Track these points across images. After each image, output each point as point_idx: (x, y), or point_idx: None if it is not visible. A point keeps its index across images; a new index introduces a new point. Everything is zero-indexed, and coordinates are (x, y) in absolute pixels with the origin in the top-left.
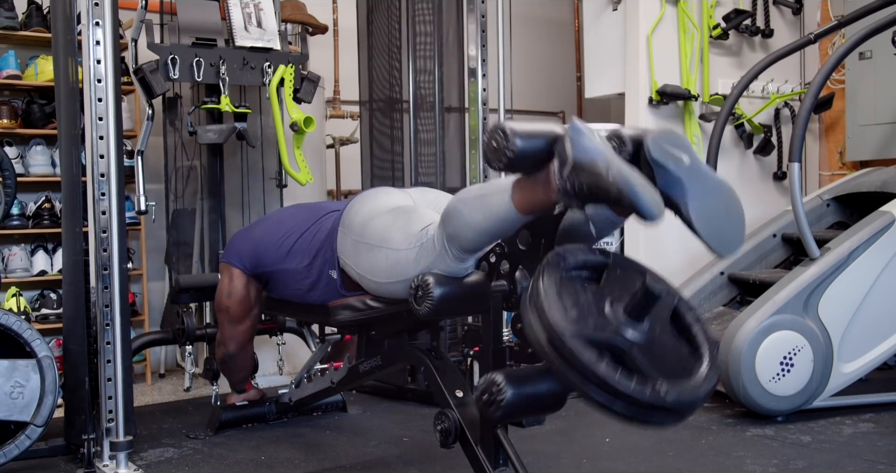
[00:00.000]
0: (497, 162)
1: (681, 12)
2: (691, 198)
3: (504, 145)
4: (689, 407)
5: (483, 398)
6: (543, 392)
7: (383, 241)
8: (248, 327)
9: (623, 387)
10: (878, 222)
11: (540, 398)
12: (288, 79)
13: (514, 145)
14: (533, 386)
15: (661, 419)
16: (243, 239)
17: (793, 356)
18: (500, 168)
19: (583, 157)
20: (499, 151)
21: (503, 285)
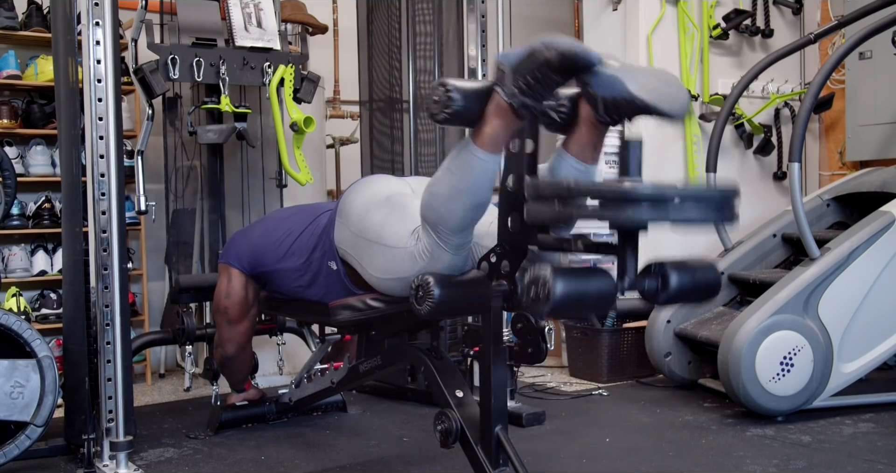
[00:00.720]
0: (441, 113)
1: (681, 12)
2: (630, 83)
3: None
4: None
5: (530, 292)
6: (591, 289)
7: (379, 237)
8: (247, 328)
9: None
10: (878, 222)
11: (587, 296)
12: (288, 79)
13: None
14: (581, 282)
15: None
16: (242, 240)
17: (793, 356)
18: (444, 119)
19: (515, 58)
20: (439, 103)
21: (503, 285)
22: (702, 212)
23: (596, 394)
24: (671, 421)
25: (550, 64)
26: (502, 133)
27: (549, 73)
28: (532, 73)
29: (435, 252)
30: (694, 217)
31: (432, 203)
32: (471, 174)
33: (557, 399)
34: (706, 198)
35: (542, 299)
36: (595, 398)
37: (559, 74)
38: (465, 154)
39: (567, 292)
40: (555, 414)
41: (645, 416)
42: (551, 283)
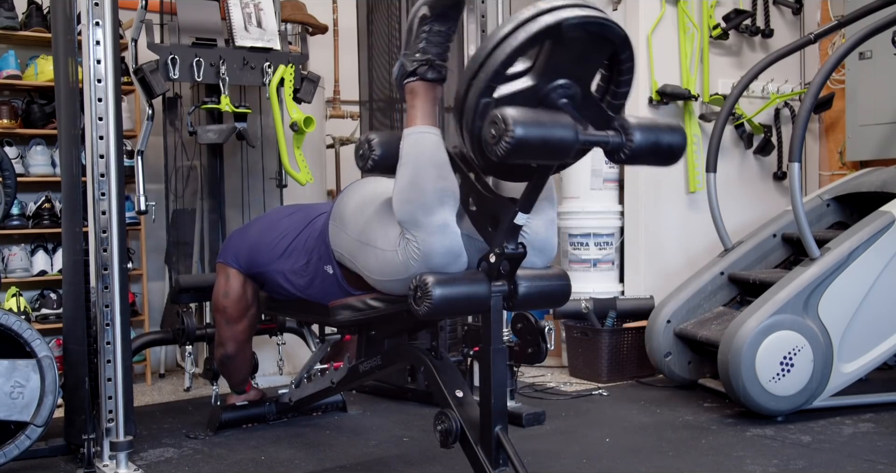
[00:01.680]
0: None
1: (681, 12)
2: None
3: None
4: None
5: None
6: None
7: (371, 240)
8: (246, 327)
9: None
10: (878, 222)
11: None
12: (288, 79)
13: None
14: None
15: None
16: (239, 240)
17: (793, 356)
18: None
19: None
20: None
21: (503, 285)
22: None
23: (596, 394)
24: (671, 421)
25: (426, 17)
26: (428, 106)
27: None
28: (419, 36)
29: (424, 246)
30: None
31: (401, 197)
32: (421, 150)
33: (557, 399)
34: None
35: (500, 135)
36: (595, 398)
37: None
38: (406, 142)
39: (527, 130)
40: (555, 414)
41: (645, 416)
42: (510, 120)
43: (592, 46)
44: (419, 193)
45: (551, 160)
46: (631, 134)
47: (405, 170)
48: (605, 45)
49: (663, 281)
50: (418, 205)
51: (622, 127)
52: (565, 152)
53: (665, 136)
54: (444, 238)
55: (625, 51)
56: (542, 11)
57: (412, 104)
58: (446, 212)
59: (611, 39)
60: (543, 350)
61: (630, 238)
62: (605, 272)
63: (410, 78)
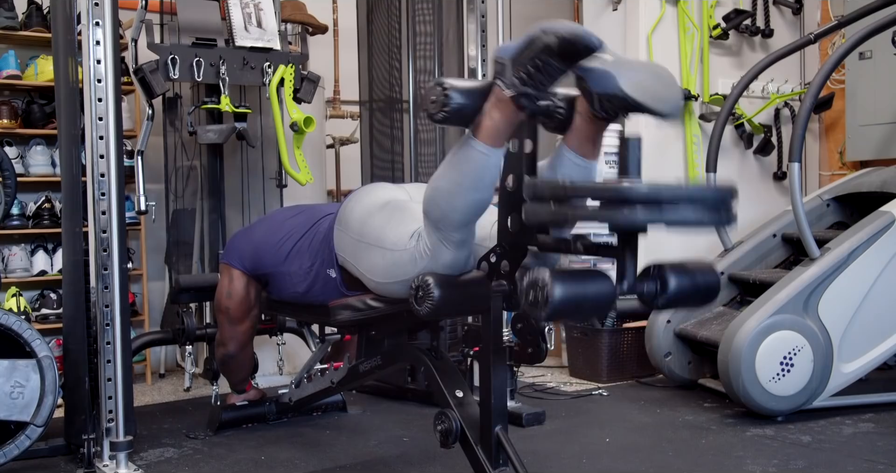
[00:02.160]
0: (439, 112)
1: (681, 12)
2: (622, 79)
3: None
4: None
5: (529, 296)
6: (590, 293)
7: (379, 241)
8: (248, 327)
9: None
10: (878, 222)
11: (586, 299)
12: (288, 79)
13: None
14: (580, 285)
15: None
16: (243, 240)
17: (793, 356)
18: (443, 117)
19: (513, 49)
20: (437, 102)
21: (503, 285)
22: (699, 214)
23: (596, 394)
24: (671, 421)
25: (551, 49)
26: (503, 126)
27: (550, 58)
28: (532, 61)
29: (436, 250)
30: (691, 218)
31: (435, 198)
32: (472, 168)
33: (557, 399)
34: (704, 199)
35: (541, 303)
36: (595, 398)
37: (560, 60)
38: (465, 148)
39: (566, 296)
40: (555, 414)
41: (645, 416)
42: (550, 287)
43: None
44: (451, 208)
45: (594, 315)
46: (666, 283)
47: (449, 175)
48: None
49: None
50: (445, 215)
51: (658, 275)
52: (607, 307)
53: (699, 278)
54: (456, 252)
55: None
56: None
57: (491, 113)
58: (468, 230)
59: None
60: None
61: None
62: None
63: (505, 87)
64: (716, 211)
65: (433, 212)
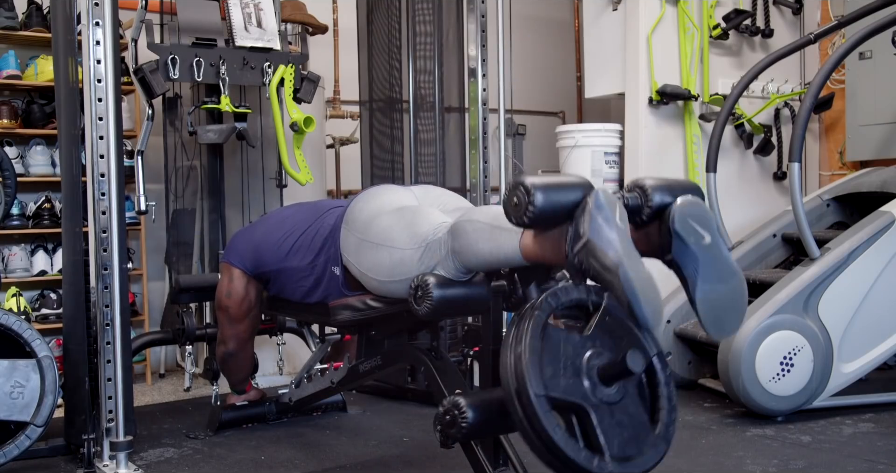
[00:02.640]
0: (517, 219)
1: (681, 12)
2: (702, 280)
3: (525, 203)
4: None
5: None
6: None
7: (387, 240)
8: (249, 326)
9: (572, 456)
10: (878, 222)
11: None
12: (288, 79)
13: (536, 203)
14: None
15: None
16: (244, 240)
17: (793, 356)
18: (520, 225)
19: (597, 241)
20: (520, 208)
21: (503, 285)
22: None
23: None
24: None
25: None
26: (545, 262)
27: (605, 287)
28: (594, 273)
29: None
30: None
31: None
32: (501, 258)
33: None
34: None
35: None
36: None
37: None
38: (508, 241)
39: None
40: None
41: None
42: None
43: None
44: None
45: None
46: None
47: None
48: None
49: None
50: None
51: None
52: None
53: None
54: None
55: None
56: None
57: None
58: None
59: None
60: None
61: None
62: None
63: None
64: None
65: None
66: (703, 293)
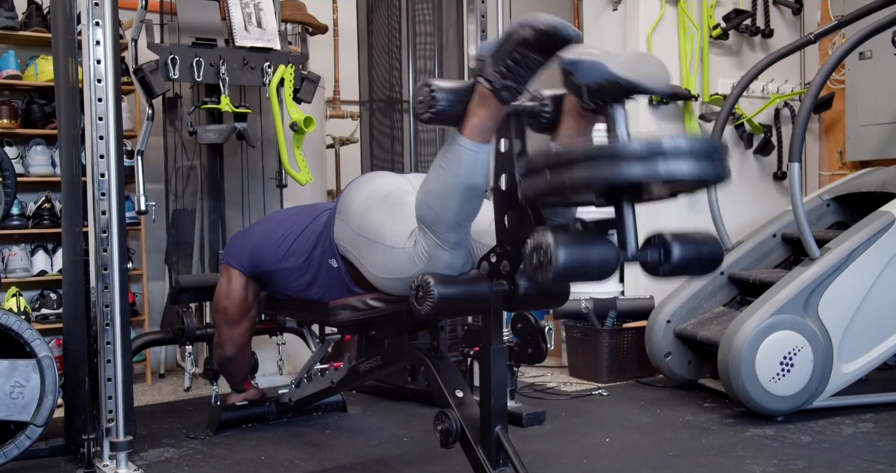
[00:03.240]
0: (426, 113)
1: (681, 12)
2: (611, 65)
3: (429, 97)
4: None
5: (533, 259)
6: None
7: (378, 236)
8: (246, 329)
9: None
10: (878, 222)
11: (590, 263)
12: (288, 79)
13: (439, 94)
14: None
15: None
16: (242, 241)
17: (793, 356)
18: (428, 119)
19: (493, 44)
20: (424, 103)
21: (503, 285)
22: (694, 166)
23: (596, 394)
24: (671, 421)
25: (528, 42)
26: (488, 121)
27: (528, 51)
28: (511, 55)
29: (433, 252)
30: (686, 171)
31: (427, 201)
32: (462, 166)
33: (557, 399)
34: (697, 151)
35: (544, 265)
36: (595, 398)
37: (538, 52)
38: (453, 147)
39: (570, 258)
40: (555, 414)
41: (645, 416)
42: (553, 249)
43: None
44: (444, 208)
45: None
46: (670, 251)
47: (439, 176)
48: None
49: (663, 282)
50: (438, 216)
51: (661, 243)
52: (607, 275)
53: (702, 250)
54: (453, 253)
55: None
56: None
57: (475, 111)
58: (464, 230)
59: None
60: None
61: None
62: None
63: (486, 83)
64: (709, 162)
65: (426, 214)
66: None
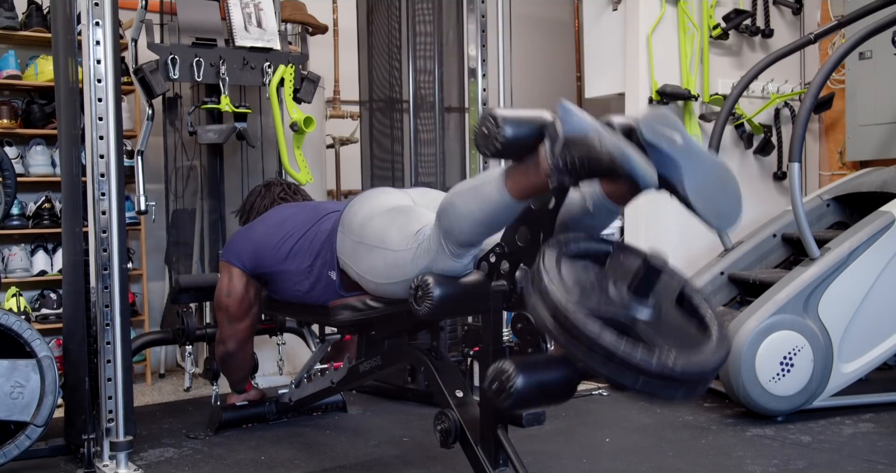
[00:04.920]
0: (487, 148)
1: (681, 12)
2: (687, 176)
3: (494, 132)
4: (697, 378)
5: (493, 386)
6: (553, 379)
7: (381, 242)
8: (248, 325)
9: (629, 357)
10: (878, 222)
11: (550, 385)
12: (288, 79)
13: (504, 131)
14: (542, 373)
15: (671, 391)
16: (243, 239)
17: (793, 356)
18: (491, 154)
19: (573, 132)
20: (489, 138)
21: (503, 285)
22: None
23: (596, 394)
24: (671, 421)
25: (599, 163)
26: (533, 189)
27: (595, 167)
28: (580, 159)
29: (437, 252)
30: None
31: (449, 212)
32: (492, 210)
33: None
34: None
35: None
36: (595, 398)
37: (604, 173)
38: (493, 187)
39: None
40: (555, 414)
41: (645, 416)
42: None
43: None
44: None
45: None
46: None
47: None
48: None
49: None
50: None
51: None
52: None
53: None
54: (456, 263)
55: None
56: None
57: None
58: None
59: None
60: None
61: (630, 238)
62: None
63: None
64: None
65: (444, 220)
66: (692, 188)
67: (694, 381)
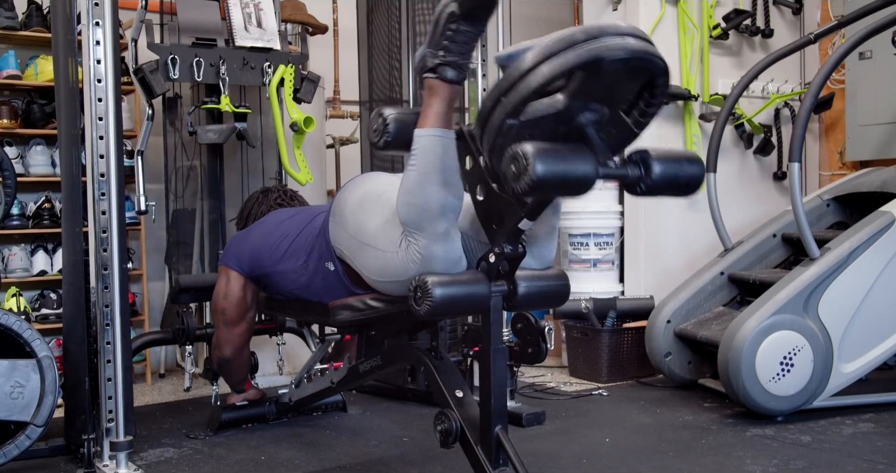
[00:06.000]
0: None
1: (681, 12)
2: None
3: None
4: None
5: (511, 168)
6: (572, 168)
7: (373, 240)
8: (244, 330)
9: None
10: (878, 222)
11: (568, 173)
12: (288, 79)
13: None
14: (561, 159)
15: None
16: (241, 243)
17: (793, 356)
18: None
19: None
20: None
21: (503, 285)
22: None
23: (596, 394)
24: (671, 421)
25: (455, 15)
26: (444, 106)
27: (459, 24)
28: (444, 34)
29: (425, 251)
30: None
31: (407, 200)
32: (430, 154)
33: (557, 399)
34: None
35: (520, 173)
36: (595, 398)
37: (468, 22)
38: (419, 142)
39: (547, 168)
40: (555, 414)
41: (645, 416)
42: (531, 157)
43: (631, 75)
44: (423, 198)
45: (571, 195)
46: (650, 167)
47: (413, 172)
48: (644, 74)
49: (663, 281)
50: (422, 209)
51: (642, 160)
52: (586, 188)
53: (684, 168)
54: (446, 245)
55: (662, 77)
56: (588, 38)
57: (428, 102)
58: (449, 219)
59: (651, 70)
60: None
61: (630, 238)
62: (605, 272)
63: (430, 74)
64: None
65: (410, 214)
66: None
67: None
